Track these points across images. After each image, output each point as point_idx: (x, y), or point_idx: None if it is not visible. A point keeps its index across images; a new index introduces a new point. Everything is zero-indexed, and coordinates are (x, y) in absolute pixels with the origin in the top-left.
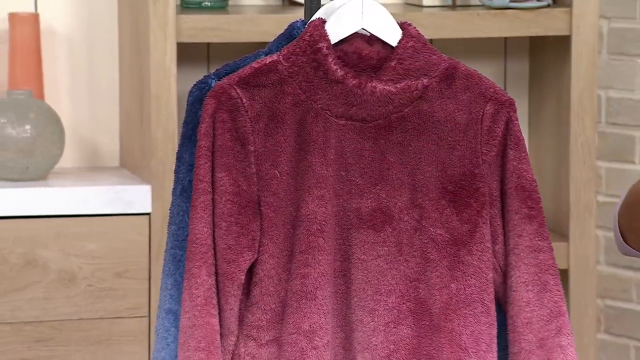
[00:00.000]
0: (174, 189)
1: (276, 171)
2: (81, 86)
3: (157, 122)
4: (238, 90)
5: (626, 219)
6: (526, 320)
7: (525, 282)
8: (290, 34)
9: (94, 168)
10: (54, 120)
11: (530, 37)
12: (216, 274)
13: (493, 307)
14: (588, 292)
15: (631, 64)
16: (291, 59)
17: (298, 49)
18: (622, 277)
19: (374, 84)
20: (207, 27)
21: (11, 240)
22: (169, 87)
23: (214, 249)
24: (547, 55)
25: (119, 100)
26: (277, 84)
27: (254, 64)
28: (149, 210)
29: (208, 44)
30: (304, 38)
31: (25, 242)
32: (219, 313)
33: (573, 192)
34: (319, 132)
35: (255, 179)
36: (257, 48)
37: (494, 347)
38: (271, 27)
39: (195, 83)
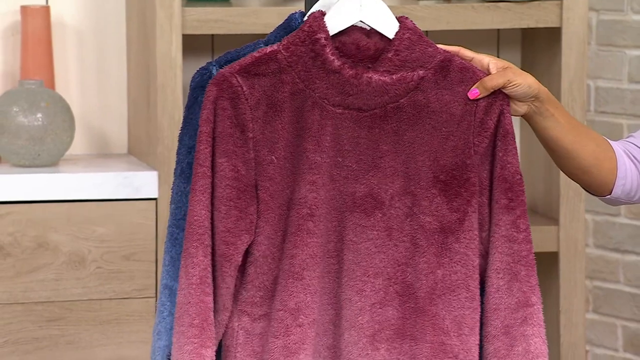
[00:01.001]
0: (175, 169)
1: (273, 157)
2: (90, 76)
3: (163, 111)
4: (239, 79)
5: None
6: (494, 307)
7: (497, 269)
8: (288, 25)
9: (102, 155)
10: (65, 109)
11: (522, 29)
12: (214, 254)
13: (478, 292)
14: (577, 274)
15: (619, 54)
16: (290, 49)
17: (297, 40)
18: (610, 259)
19: (370, 75)
20: (211, 19)
21: (23, 224)
22: (174, 77)
23: (212, 231)
24: (539, 46)
25: (127, 89)
26: (277, 73)
27: (255, 54)
28: (155, 195)
29: (212, 35)
30: (304, 29)
31: (37, 226)
32: (215, 291)
33: (563, 177)
34: (315, 120)
35: (254, 164)
36: (259, 39)
37: (477, 330)
38: (272, 19)
39: (198, 69)
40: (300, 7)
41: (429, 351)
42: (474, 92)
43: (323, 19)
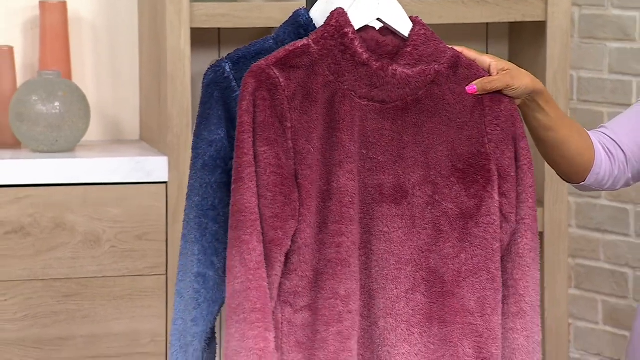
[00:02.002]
0: (193, 163)
1: (310, 146)
2: (105, 67)
3: (173, 100)
4: (276, 71)
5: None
6: (527, 284)
7: (530, 249)
8: (295, 21)
9: (116, 141)
10: (81, 98)
11: (510, 23)
12: (263, 242)
13: (499, 274)
14: (561, 252)
15: (600, 47)
16: (321, 43)
17: (327, 34)
18: (591, 238)
19: (394, 67)
20: (218, 14)
21: (42, 206)
22: (183, 69)
23: (260, 218)
24: (525, 39)
25: (139, 80)
26: (309, 66)
27: (288, 47)
28: (165, 179)
29: (219, 29)
30: (331, 24)
31: (55, 208)
32: None
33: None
34: (347, 112)
35: (292, 153)
36: (263, 33)
37: (499, 310)
38: (275, 14)
39: (210, 66)
40: (301, 2)
41: (459, 332)
42: (472, 88)
43: (347, 15)
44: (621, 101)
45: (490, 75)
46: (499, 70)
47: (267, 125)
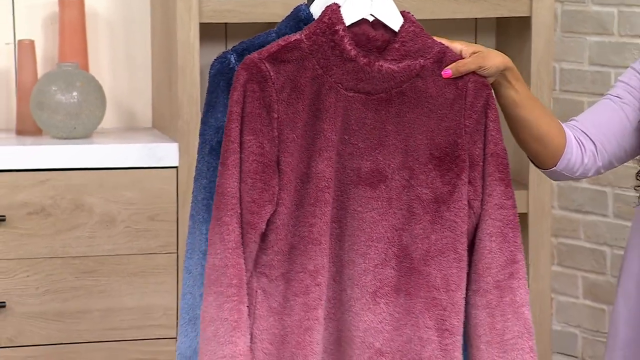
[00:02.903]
0: (201, 148)
1: (294, 135)
2: (119, 59)
3: (183, 90)
4: (267, 64)
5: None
6: (486, 266)
7: (490, 233)
8: (296, 16)
9: (130, 128)
10: (97, 88)
11: (497, 18)
12: (241, 223)
13: (465, 254)
14: (544, 232)
15: (580, 40)
16: (312, 39)
17: (318, 30)
18: (572, 218)
19: (380, 63)
20: (225, 10)
21: (62, 188)
22: (192, 60)
23: (240, 201)
24: (511, 33)
25: (151, 71)
26: (300, 60)
27: (280, 42)
28: (176, 164)
29: (226, 23)
30: (323, 20)
31: (73, 191)
32: None
33: None
34: (331, 103)
35: (277, 141)
36: (267, 27)
37: (463, 286)
38: (278, 10)
39: (216, 58)
40: None
41: (422, 305)
42: (447, 72)
43: (340, 11)
44: (600, 91)
45: (463, 59)
46: (470, 53)
47: (255, 116)
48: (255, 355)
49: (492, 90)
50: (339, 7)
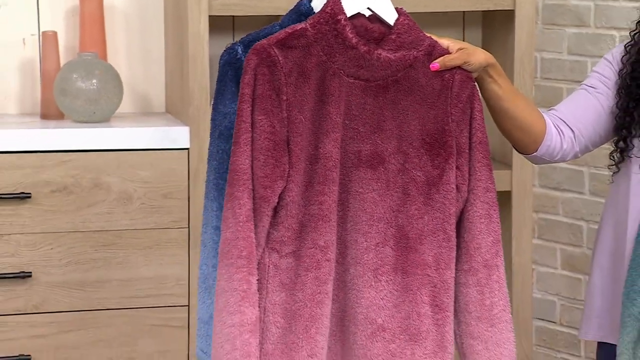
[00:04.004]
0: (212, 133)
1: (302, 117)
2: (135, 49)
3: (193, 78)
4: (276, 50)
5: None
6: (477, 246)
7: (480, 215)
8: (298, 9)
9: (145, 113)
10: (115, 76)
11: (483, 11)
12: (253, 198)
13: (453, 235)
14: (526, 208)
15: (560, 32)
16: (316, 27)
17: (322, 20)
18: (552, 196)
19: (379, 52)
20: (232, 3)
21: (82, 168)
22: (202, 51)
23: (252, 177)
24: (496, 26)
25: (165, 60)
26: (305, 47)
27: (288, 30)
28: (187, 146)
29: (233, 16)
30: (326, 11)
31: (93, 170)
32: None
33: None
34: (336, 88)
35: (286, 122)
36: (272, 20)
37: (452, 265)
38: (282, 3)
39: (225, 49)
40: None
41: (418, 282)
42: (435, 65)
43: (341, 3)
44: (578, 79)
45: (450, 54)
46: (457, 49)
47: (265, 98)
48: (268, 328)
49: (476, 84)
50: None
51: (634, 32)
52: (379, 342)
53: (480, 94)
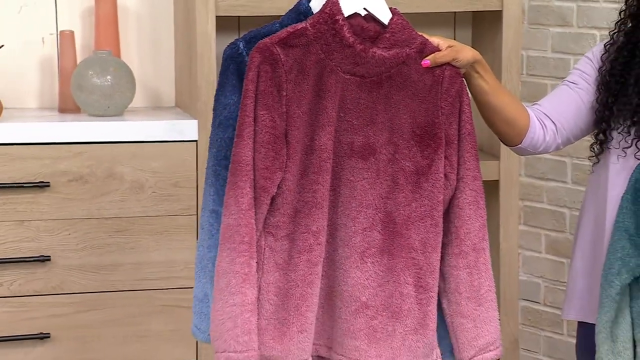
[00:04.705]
0: (212, 122)
1: (300, 111)
2: (147, 48)
3: (201, 74)
4: (278, 49)
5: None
6: (466, 231)
7: (469, 202)
8: (297, 9)
9: (156, 107)
10: (128, 73)
11: (473, 12)
12: (254, 187)
13: (441, 221)
14: (513, 196)
15: (545, 31)
16: (316, 27)
17: (321, 19)
18: (537, 185)
19: (374, 50)
20: (238, 5)
21: (97, 159)
22: (209, 49)
23: (253, 168)
24: (485, 25)
25: (174, 58)
26: (305, 45)
27: (289, 29)
28: (196, 138)
29: (239, 17)
30: (325, 11)
31: (107, 161)
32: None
33: None
34: (332, 84)
35: (285, 117)
36: (274, 19)
37: (438, 249)
38: (283, 4)
39: (228, 44)
40: None
41: (402, 264)
42: (426, 62)
43: (339, 4)
44: (562, 75)
45: (440, 51)
46: (446, 47)
47: (267, 94)
48: (262, 304)
49: (464, 79)
50: (338, 0)
51: (613, 31)
52: (362, 318)
53: (468, 89)
